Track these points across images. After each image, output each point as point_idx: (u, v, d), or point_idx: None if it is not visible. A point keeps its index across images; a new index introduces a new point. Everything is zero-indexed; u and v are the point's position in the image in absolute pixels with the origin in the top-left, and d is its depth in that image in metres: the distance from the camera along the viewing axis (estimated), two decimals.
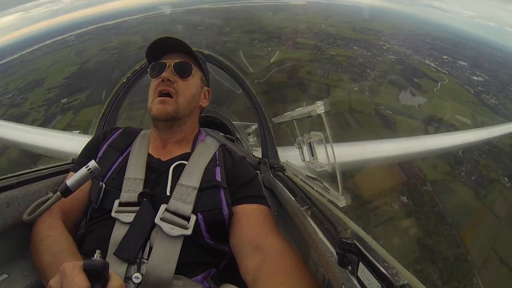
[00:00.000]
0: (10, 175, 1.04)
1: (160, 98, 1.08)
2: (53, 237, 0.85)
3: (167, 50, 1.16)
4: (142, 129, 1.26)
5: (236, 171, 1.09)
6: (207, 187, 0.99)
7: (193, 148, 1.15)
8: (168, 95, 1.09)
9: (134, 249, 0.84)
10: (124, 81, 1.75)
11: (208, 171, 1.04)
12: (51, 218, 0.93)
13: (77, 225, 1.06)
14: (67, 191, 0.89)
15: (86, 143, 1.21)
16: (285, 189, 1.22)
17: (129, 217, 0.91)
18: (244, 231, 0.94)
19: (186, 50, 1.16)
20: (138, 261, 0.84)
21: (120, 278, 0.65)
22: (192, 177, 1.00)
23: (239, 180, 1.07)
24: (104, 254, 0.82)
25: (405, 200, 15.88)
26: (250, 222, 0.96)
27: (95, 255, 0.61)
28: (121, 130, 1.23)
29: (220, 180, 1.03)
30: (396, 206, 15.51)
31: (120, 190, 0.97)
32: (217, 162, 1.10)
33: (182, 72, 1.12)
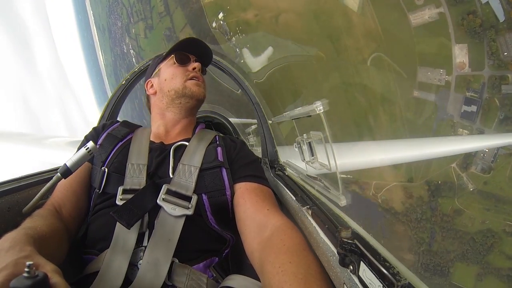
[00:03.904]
0: (10, 179, 1.04)
1: (196, 81, 1.20)
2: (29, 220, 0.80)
3: (195, 51, 1.28)
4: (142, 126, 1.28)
5: (237, 153, 1.10)
6: (209, 168, 0.99)
7: (193, 134, 1.18)
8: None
9: (133, 217, 0.83)
10: (123, 83, 1.75)
11: (210, 151, 1.05)
12: (43, 209, 0.90)
13: (81, 220, 1.03)
14: (67, 172, 0.87)
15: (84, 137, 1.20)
16: (286, 189, 1.22)
17: None
18: (247, 206, 0.94)
19: (208, 61, 1.38)
20: (144, 248, 0.84)
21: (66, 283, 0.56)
22: (193, 157, 1.01)
23: (241, 161, 1.07)
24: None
25: None
26: (252, 198, 0.96)
27: (25, 269, 0.48)
28: (121, 121, 1.26)
29: (222, 160, 1.03)
30: None
31: (122, 175, 0.98)
32: (218, 143, 1.11)
33: (204, 70, 1.32)
